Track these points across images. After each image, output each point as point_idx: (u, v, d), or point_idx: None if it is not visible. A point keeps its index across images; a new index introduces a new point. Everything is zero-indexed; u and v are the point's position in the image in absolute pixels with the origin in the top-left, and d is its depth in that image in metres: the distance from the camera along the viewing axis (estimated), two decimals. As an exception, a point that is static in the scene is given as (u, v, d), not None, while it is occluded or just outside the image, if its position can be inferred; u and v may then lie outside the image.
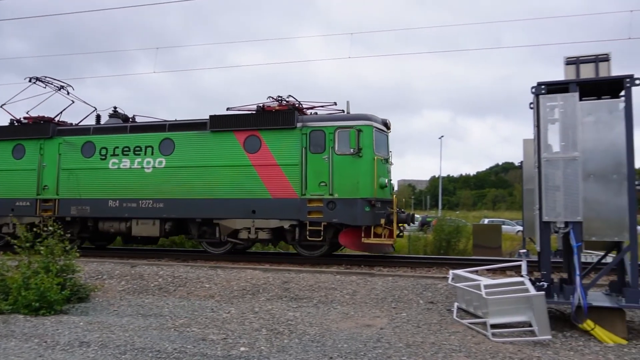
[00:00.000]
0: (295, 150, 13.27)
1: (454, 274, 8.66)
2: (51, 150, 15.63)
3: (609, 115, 7.10)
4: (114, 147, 14.93)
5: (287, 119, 13.42)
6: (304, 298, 9.69)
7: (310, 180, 13.04)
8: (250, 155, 13.61)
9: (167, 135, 14.49)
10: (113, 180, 14.78)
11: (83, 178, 15.13)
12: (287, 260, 13.39)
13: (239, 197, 13.52)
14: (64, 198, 15.26)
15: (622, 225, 6.96)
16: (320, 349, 6.33)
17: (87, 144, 15.26)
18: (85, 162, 15.18)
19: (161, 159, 14.39)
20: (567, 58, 7.91)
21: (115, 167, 14.84)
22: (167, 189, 14.20)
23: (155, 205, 14.26)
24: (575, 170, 7.07)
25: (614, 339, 6.76)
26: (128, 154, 14.78)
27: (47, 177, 15.58)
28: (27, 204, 15.65)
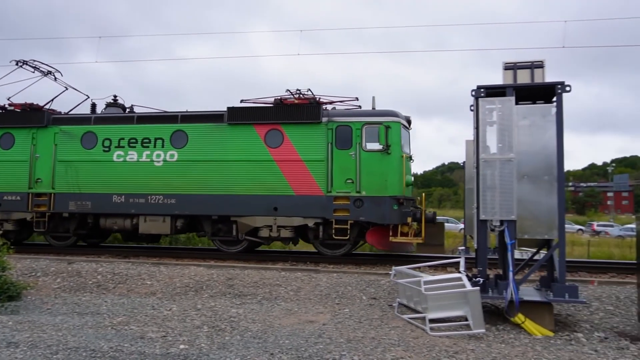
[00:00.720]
0: (320, 145, 12.82)
1: (396, 270, 8.86)
2: (45, 140, 14.35)
3: (542, 119, 7.47)
4: (119, 139, 13.88)
5: (313, 113, 12.94)
6: (248, 295, 9.64)
7: (336, 177, 12.67)
8: (272, 150, 13.02)
9: (179, 127, 13.60)
10: (118, 174, 13.75)
11: (83, 171, 13.99)
12: (232, 257, 13.26)
13: (260, 193, 12.94)
14: (61, 192, 14.06)
15: (552, 224, 7.36)
16: (261, 345, 6.32)
17: (87, 135, 14.11)
18: (86, 153, 14.03)
19: (173, 152, 13.52)
20: (506, 63, 8.24)
21: (120, 160, 13.82)
22: (180, 184, 13.37)
23: (166, 201, 13.40)
24: (510, 171, 7.39)
25: (542, 332, 7.13)
26: (135, 146, 13.76)
27: (40, 170, 14.32)
28: (17, 199, 14.32)
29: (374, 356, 5.86)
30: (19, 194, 14.31)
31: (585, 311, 8.40)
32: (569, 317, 8.13)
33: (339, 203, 12.55)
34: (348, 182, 12.61)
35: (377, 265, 12.29)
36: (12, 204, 14.35)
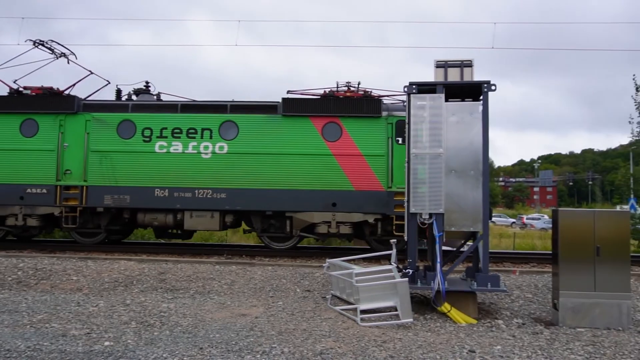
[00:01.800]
0: (380, 140, 12.52)
1: (330, 262, 8.96)
2: (75, 128, 13.07)
3: (469, 116, 7.77)
4: (161, 128, 12.90)
5: (373, 107, 12.59)
6: (180, 289, 9.44)
7: (397, 172, 12.33)
8: (330, 144, 12.57)
9: (228, 117, 12.86)
10: (161, 166, 12.78)
11: (120, 162, 12.89)
12: (165, 251, 12.93)
13: (317, 188, 12.46)
14: (94, 185, 12.90)
15: (478, 217, 7.69)
16: (191, 340, 6.22)
17: (124, 123, 13.00)
18: (124, 143, 12.93)
19: (222, 143, 12.74)
20: (437, 61, 8.50)
21: (163, 151, 12.84)
22: (230, 177, 12.65)
23: (215, 196, 12.62)
24: (439, 166, 7.65)
25: (466, 320, 7.46)
26: (180, 137, 12.82)
27: (70, 160, 13.03)
28: (42, 192, 12.98)
29: (304, 347, 5.91)
30: (46, 186, 12.96)
31: (507, 299, 8.86)
32: (492, 305, 8.55)
33: (399, 199, 12.12)
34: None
35: (314, 258, 12.39)
36: (37, 197, 12.98)
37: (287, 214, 12.71)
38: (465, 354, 5.82)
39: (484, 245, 7.73)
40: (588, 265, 7.39)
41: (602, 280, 7.36)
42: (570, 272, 7.43)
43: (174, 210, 12.83)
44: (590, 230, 7.43)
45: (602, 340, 6.57)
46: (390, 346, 6.06)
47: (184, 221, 12.81)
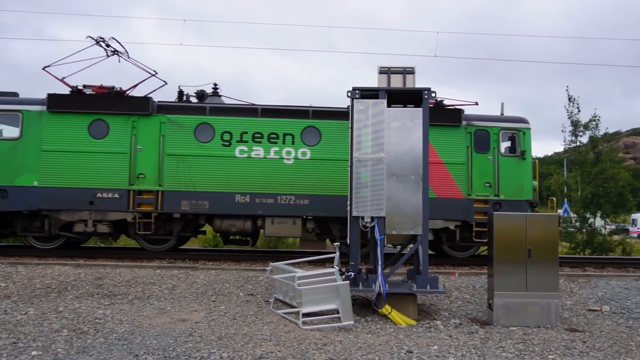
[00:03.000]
0: (461, 148, 12.76)
1: (273, 266, 8.92)
2: (150, 130, 12.40)
3: (410, 122, 7.97)
4: (241, 132, 12.50)
5: (454, 116, 12.80)
6: (118, 294, 9.13)
7: (476, 180, 12.68)
8: None
9: (311, 122, 12.64)
10: (242, 171, 12.38)
11: (199, 167, 12.35)
12: (103, 255, 12.47)
13: None
14: (170, 190, 12.31)
15: (417, 220, 7.88)
16: (126, 347, 6.02)
17: (202, 126, 12.49)
18: (202, 147, 12.43)
19: (305, 149, 12.53)
20: (381, 68, 8.68)
21: (244, 156, 12.46)
22: (313, 183, 12.44)
23: (298, 202, 12.37)
24: (381, 170, 7.79)
25: (406, 321, 7.62)
26: (261, 142, 12.46)
27: (143, 164, 12.35)
28: (114, 196, 12.23)
29: (243, 352, 5.85)
30: (118, 191, 12.26)
31: (446, 300, 9.12)
32: (432, 306, 8.77)
33: (478, 206, 12.61)
34: (486, 186, 12.84)
35: (258, 262, 12.30)
36: (108, 202, 12.24)
37: None
38: (403, 355, 5.94)
39: (423, 248, 7.93)
40: (520, 267, 7.72)
41: (533, 280, 7.71)
42: (504, 274, 7.74)
43: (254, 216, 12.56)
44: (523, 233, 7.77)
45: (532, 338, 6.88)
46: (330, 349, 6.09)
47: (265, 228, 12.58)
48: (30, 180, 12.15)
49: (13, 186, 12.10)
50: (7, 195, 12.10)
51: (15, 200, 12.11)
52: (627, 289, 9.80)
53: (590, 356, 6.13)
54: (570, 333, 7.26)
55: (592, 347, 6.54)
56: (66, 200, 12.16)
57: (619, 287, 9.93)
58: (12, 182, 12.10)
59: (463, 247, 13.33)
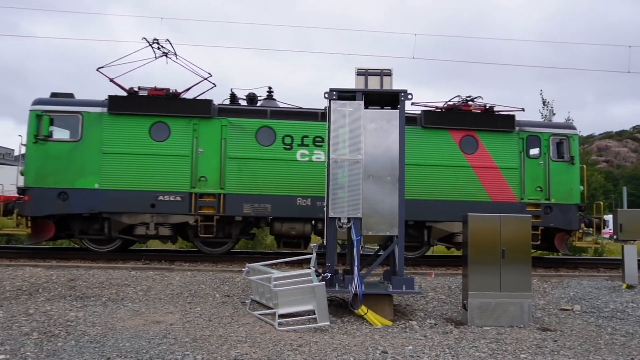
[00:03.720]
0: (513, 153, 13.12)
1: (250, 267, 8.88)
2: (211, 133, 12.35)
3: (387, 123, 8.02)
4: (302, 136, 12.63)
5: (507, 122, 13.20)
6: (91, 296, 8.98)
7: (528, 184, 13.02)
8: (467, 156, 12.95)
9: None
10: (303, 175, 12.46)
11: (260, 170, 12.41)
12: (77, 256, 12.24)
13: (456, 199, 12.74)
14: (232, 193, 12.29)
15: (394, 222, 7.93)
16: (98, 349, 5.92)
17: (263, 129, 12.57)
18: (263, 150, 12.50)
19: None
20: (358, 69, 8.71)
21: (305, 160, 12.60)
22: None
23: None
24: (358, 172, 7.82)
25: (382, 321, 7.66)
26: (321, 145, 12.49)
27: (204, 166, 12.29)
28: (176, 199, 12.12)
29: (218, 354, 5.81)
30: (180, 194, 12.18)
31: (422, 301, 9.20)
32: (407, 306, 8.84)
33: (530, 210, 12.89)
34: (537, 190, 13.18)
35: (235, 263, 12.23)
36: (170, 205, 12.14)
37: (427, 224, 12.88)
38: (378, 355, 5.97)
39: (399, 249, 7.98)
40: (494, 267, 7.84)
41: (506, 281, 7.83)
42: (479, 274, 7.84)
43: (316, 219, 12.63)
44: (497, 234, 7.89)
45: (505, 338, 6.98)
46: (305, 350, 6.09)
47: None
48: (91, 182, 12.04)
49: (74, 189, 11.96)
50: (68, 198, 11.93)
51: (76, 202, 11.98)
52: (598, 288, 10.02)
53: (561, 355, 6.25)
54: (542, 332, 7.39)
55: (562, 345, 6.67)
56: (128, 203, 12.08)
57: (590, 287, 10.15)
58: (72, 185, 11.97)
59: None
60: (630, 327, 7.80)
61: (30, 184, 11.91)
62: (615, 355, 6.24)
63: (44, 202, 11.85)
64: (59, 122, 12.27)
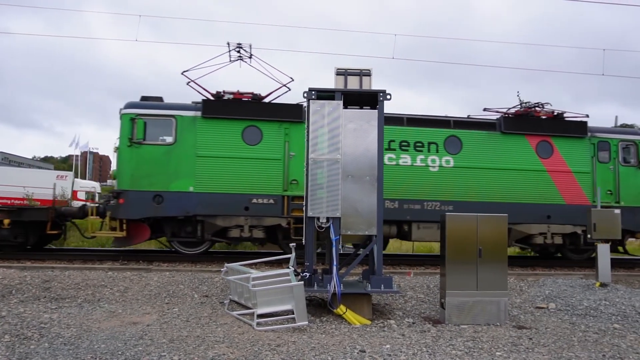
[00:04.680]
0: (586, 158, 13.77)
1: (228, 267, 8.83)
2: (301, 137, 12.21)
3: (366, 123, 8.04)
4: (389, 141, 12.94)
5: (580, 128, 13.86)
6: (67, 298, 8.84)
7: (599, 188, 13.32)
8: (543, 160, 13.62)
9: (452, 132, 13.36)
10: (391, 178, 12.47)
11: None
12: (52, 257, 12.03)
13: (533, 201, 13.36)
14: None
15: (372, 221, 7.96)
16: (72, 352, 5.82)
17: None
18: None
19: (448, 157, 13.23)
20: (337, 69, 8.73)
21: (392, 163, 12.97)
22: (456, 190, 13.10)
23: (443, 208, 12.96)
24: (337, 171, 7.83)
25: (361, 321, 7.68)
26: (407, 150, 13.06)
27: (296, 170, 12.45)
28: (270, 202, 12.32)
29: (195, 354, 5.76)
30: (273, 196, 12.40)
31: (401, 300, 9.26)
32: (386, 306, 8.88)
33: None
34: (608, 194, 13.77)
35: (214, 263, 12.15)
36: (264, 208, 12.34)
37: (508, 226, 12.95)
38: (356, 354, 5.99)
39: (377, 248, 8.01)
40: (471, 266, 7.92)
41: (483, 279, 7.93)
42: (456, 273, 7.92)
43: (403, 221, 12.95)
44: (474, 233, 7.98)
45: (481, 336, 7.06)
46: (283, 349, 6.08)
47: (412, 232, 12.96)
48: (186, 185, 12.16)
49: (168, 191, 12.09)
50: (163, 201, 12.05)
51: (171, 205, 12.04)
52: (572, 287, 10.21)
53: (535, 352, 6.34)
54: (517, 330, 7.50)
55: (537, 343, 6.77)
56: (222, 205, 12.16)
57: (565, 285, 10.34)
58: (167, 188, 12.11)
59: (582, 250, 14.26)
60: (603, 324, 7.97)
61: (126, 187, 12.04)
62: (588, 352, 6.37)
63: (139, 204, 11.98)
64: (153, 126, 12.36)
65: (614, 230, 10.27)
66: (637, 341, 7.03)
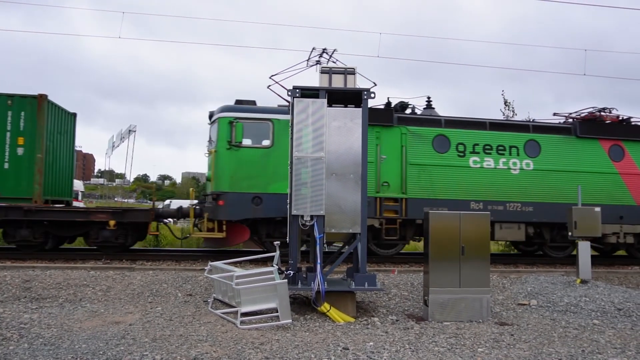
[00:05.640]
0: None
1: (212, 265, 8.79)
2: (392, 140, 13.26)
3: (350, 122, 8.05)
4: (474, 144, 13.67)
5: None
6: (47, 297, 8.73)
7: None
8: (616, 164, 14.26)
9: (531, 136, 14.02)
10: (476, 180, 13.54)
11: (437, 176, 13.31)
12: (33, 257, 11.86)
13: (607, 203, 13.78)
14: (413, 198, 13.16)
15: (356, 219, 7.98)
16: (53, 352, 5.75)
17: (439, 138, 13.54)
18: (439, 157, 13.46)
19: (528, 160, 13.94)
20: (322, 67, 8.72)
21: (477, 166, 13.65)
22: (536, 192, 13.80)
23: (523, 209, 13.70)
24: (321, 169, 7.83)
25: (345, 318, 7.71)
26: (490, 153, 13.73)
27: (387, 172, 13.13)
28: None
29: (177, 353, 5.72)
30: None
31: (385, 297, 9.31)
32: (370, 303, 8.92)
33: None
34: None
35: (199, 261, 12.09)
36: None
37: None
38: (339, 352, 6.00)
39: (361, 246, 8.04)
40: (454, 264, 7.99)
41: (466, 277, 8.00)
42: (439, 270, 7.98)
43: None
44: (457, 231, 8.05)
45: (463, 332, 7.13)
46: (267, 347, 6.07)
47: (495, 232, 13.50)
48: (284, 187, 12.03)
49: (267, 193, 12.41)
50: (262, 202, 12.40)
51: (270, 207, 12.29)
52: (554, 283, 10.34)
53: (517, 348, 6.42)
54: (499, 326, 7.58)
55: (518, 339, 6.86)
56: None
57: (547, 282, 10.47)
58: (266, 190, 12.44)
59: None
60: (583, 320, 8.10)
61: (225, 188, 12.34)
62: (568, 348, 6.46)
63: (239, 206, 12.31)
64: (250, 129, 12.67)
65: (594, 228, 10.42)
66: (615, 336, 7.15)
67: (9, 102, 12.45)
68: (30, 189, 12.41)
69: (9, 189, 12.32)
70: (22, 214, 11.95)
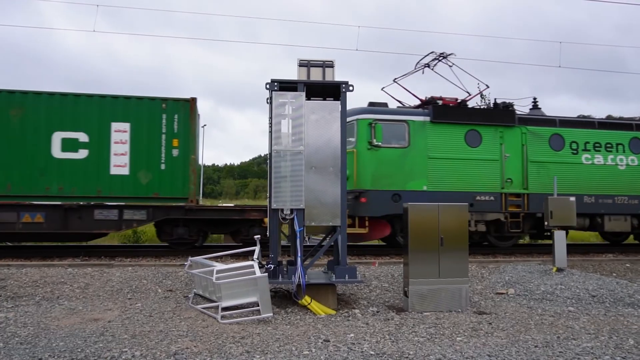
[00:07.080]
0: None
1: (192, 260, 8.74)
2: (514, 140, 14.16)
3: (329, 115, 8.05)
4: (585, 142, 14.68)
5: None
6: (23, 296, 8.58)
7: None
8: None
9: (635, 134, 15.06)
10: (587, 176, 14.56)
11: (554, 172, 13.99)
12: (8, 254, 11.64)
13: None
14: (534, 193, 14.07)
15: (336, 212, 8.00)
16: (29, 350, 5.66)
17: (554, 137, 14.51)
18: (555, 155, 14.45)
19: (633, 157, 14.99)
20: (300, 60, 8.67)
21: (589, 163, 14.66)
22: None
23: (630, 202, 14.76)
24: (300, 163, 7.83)
25: (326, 311, 7.75)
26: (600, 150, 14.78)
27: (510, 170, 14.02)
28: (490, 199, 13.76)
29: (157, 349, 5.69)
30: (492, 194, 13.81)
31: (366, 289, 9.37)
32: (351, 295, 8.98)
33: None
34: None
35: (178, 257, 12.00)
36: (486, 204, 13.74)
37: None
38: (320, 344, 6.04)
39: (342, 239, 8.07)
40: (433, 255, 8.08)
41: (445, 267, 8.10)
42: (419, 262, 8.06)
43: (594, 214, 14.64)
44: (436, 223, 8.13)
45: (443, 322, 7.23)
46: (248, 341, 6.07)
47: (605, 224, 14.69)
48: (420, 185, 13.35)
49: (405, 191, 13.11)
50: (400, 199, 12.98)
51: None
52: (531, 272, 10.54)
53: (494, 336, 6.54)
54: (478, 315, 7.71)
55: (496, 327, 6.98)
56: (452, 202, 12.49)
57: (524, 271, 10.66)
58: (404, 187, 13.18)
59: None
60: (558, 308, 8.27)
61: (367, 187, 12.96)
62: (544, 334, 6.60)
63: (380, 203, 12.97)
64: (388, 130, 13.29)
65: (570, 218, 10.64)
66: (589, 322, 7.33)
67: (163, 105, 12.74)
68: (185, 189, 12.77)
69: (166, 189, 12.66)
70: (183, 212, 12.55)
